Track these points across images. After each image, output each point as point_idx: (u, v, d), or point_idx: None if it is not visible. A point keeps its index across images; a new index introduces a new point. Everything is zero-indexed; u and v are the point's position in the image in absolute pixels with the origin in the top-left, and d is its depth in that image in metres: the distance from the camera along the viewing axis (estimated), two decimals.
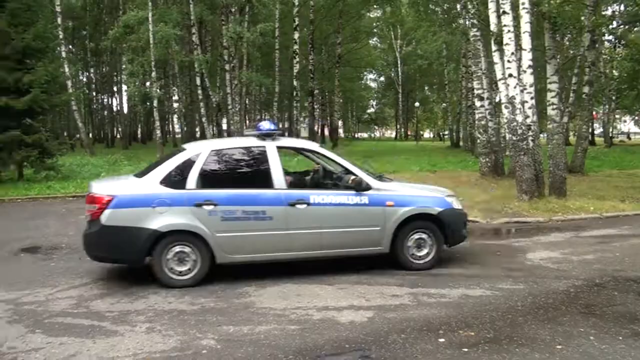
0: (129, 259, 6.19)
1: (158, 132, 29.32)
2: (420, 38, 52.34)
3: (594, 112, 45.80)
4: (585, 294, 5.70)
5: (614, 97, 42.50)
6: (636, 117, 67.19)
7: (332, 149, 34.68)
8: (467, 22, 17.75)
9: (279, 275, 6.27)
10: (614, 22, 23.03)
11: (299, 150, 7.93)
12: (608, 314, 5.10)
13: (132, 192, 6.15)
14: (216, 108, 32.96)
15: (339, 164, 6.94)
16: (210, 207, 6.05)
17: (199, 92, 29.97)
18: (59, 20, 27.85)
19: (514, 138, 11.92)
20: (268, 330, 4.65)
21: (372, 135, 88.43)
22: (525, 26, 11.66)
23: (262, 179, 6.38)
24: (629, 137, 67.10)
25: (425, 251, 6.74)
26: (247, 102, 42.27)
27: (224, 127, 37.45)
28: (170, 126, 51.18)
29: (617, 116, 65.29)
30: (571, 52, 23.78)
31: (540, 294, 5.65)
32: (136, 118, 51.42)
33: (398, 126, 71.67)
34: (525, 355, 4.14)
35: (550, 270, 6.63)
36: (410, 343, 4.36)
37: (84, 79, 47.89)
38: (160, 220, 5.93)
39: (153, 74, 27.12)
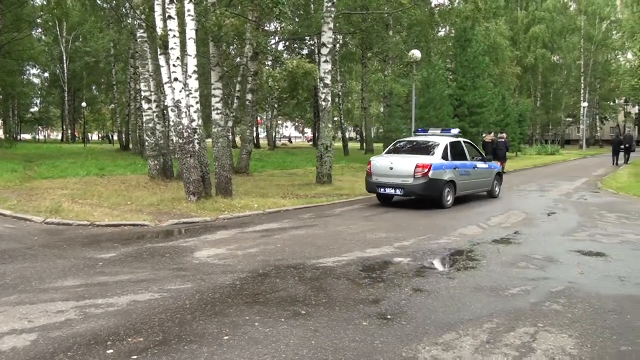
0: (436, 195, 12.52)
1: None
2: (87, 34, 49.65)
3: (258, 118, 50.02)
4: (250, 285, 6.09)
5: (276, 105, 47.04)
6: (296, 123, 75.92)
7: None
8: (135, 23, 17.45)
9: None
10: (275, 38, 25.43)
11: (465, 142, 14.36)
12: (271, 300, 5.55)
13: (436, 162, 12.58)
14: None
15: (476, 149, 14.91)
16: (457, 170, 13.14)
17: None
18: None
19: (181, 141, 12.15)
20: None
21: (37, 137, 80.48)
22: (190, 33, 11.97)
23: (463, 155, 13.77)
24: (290, 141, 74.99)
25: (497, 189, 15.25)
26: None
27: None
28: None
29: (279, 122, 72.72)
30: (237, 60, 25.23)
31: (207, 290, 5.85)
32: None
33: (65, 127, 66.36)
34: (194, 352, 4.23)
35: (217, 267, 6.92)
36: None
37: None
38: (446, 176, 12.73)
39: None
